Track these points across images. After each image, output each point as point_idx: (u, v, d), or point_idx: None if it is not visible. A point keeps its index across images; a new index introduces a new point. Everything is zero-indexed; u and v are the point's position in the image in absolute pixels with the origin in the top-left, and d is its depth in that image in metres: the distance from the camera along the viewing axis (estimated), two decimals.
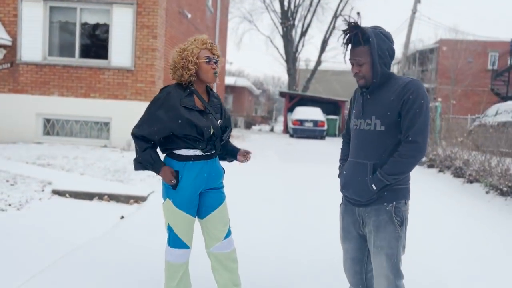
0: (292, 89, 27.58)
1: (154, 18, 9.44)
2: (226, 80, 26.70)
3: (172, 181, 2.37)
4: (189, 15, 11.83)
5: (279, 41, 33.70)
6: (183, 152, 2.43)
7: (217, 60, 2.46)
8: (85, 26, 9.79)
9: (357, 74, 2.11)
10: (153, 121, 2.37)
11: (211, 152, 2.48)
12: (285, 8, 27.76)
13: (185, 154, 2.43)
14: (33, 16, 9.47)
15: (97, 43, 9.83)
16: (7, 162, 6.78)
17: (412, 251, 3.44)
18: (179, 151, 2.44)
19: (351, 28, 2.03)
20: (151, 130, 2.37)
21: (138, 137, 2.41)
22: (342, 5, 27.21)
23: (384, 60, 2.08)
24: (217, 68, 2.45)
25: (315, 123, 19.11)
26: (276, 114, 47.79)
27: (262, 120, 37.89)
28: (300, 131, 19.20)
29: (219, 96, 2.65)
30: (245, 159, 2.62)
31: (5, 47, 9.44)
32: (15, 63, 9.54)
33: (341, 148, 2.45)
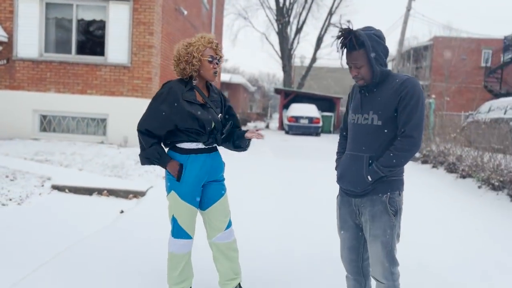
0: (288, 86, 27.66)
1: (151, 15, 9.48)
2: (222, 77, 26.74)
3: (179, 174, 2.46)
4: (185, 12, 11.86)
5: (274, 38, 33.79)
6: (186, 146, 2.52)
7: (219, 61, 2.56)
8: (82, 23, 9.80)
9: (357, 76, 2.20)
10: (157, 116, 2.46)
11: (213, 145, 2.58)
12: (280, 5, 27.81)
13: (188, 148, 2.52)
14: (29, 13, 9.47)
15: (94, 40, 9.85)
16: (5, 158, 6.82)
17: (407, 244, 3.55)
18: (182, 145, 2.53)
19: (345, 34, 2.12)
20: (156, 125, 2.45)
21: (144, 132, 2.48)
22: (337, 2, 27.37)
23: (380, 61, 2.17)
24: (218, 68, 2.55)
25: (310, 120, 19.24)
26: (271, 111, 47.88)
27: (257, 117, 37.98)
28: (296, 128, 19.32)
29: (220, 91, 2.74)
30: (254, 135, 2.59)
31: (1, 44, 9.44)
32: (11, 60, 9.54)
33: (339, 142, 2.54)
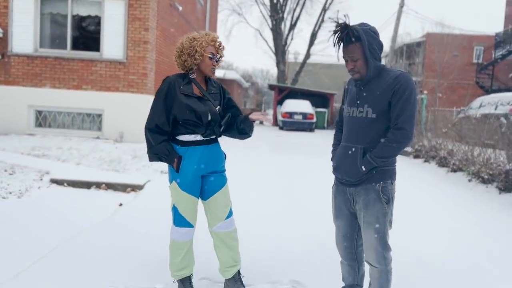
0: (281, 82, 27.76)
1: (146, 11, 9.52)
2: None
3: (177, 165, 2.57)
4: (180, 8, 11.89)
5: (268, 34, 33.81)
6: (185, 138, 2.62)
7: (219, 60, 2.68)
8: (77, 18, 9.82)
9: (353, 70, 2.30)
10: (162, 111, 2.56)
11: (211, 137, 2.68)
12: (274, 1, 27.85)
13: (187, 140, 2.62)
14: (24, 8, 9.47)
15: (89, 35, 9.87)
16: (2, 153, 6.86)
17: (400, 234, 3.67)
18: (181, 137, 2.63)
19: (342, 28, 2.23)
20: (163, 120, 2.56)
21: (153, 130, 2.58)
22: None
23: (375, 55, 2.28)
24: (216, 66, 2.67)
25: (304, 116, 19.36)
26: (265, 107, 47.91)
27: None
28: (290, 124, 19.45)
29: (220, 84, 2.84)
30: (260, 116, 2.66)
31: None
32: (6, 55, 9.54)
33: (334, 134, 2.65)
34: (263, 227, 4.18)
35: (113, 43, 9.57)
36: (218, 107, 2.70)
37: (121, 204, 4.87)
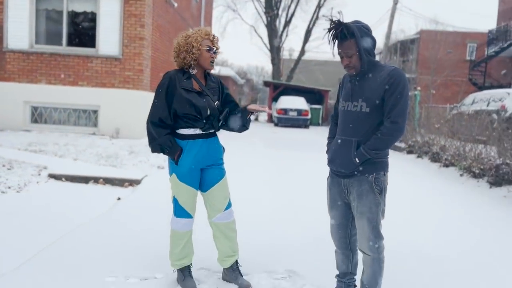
0: (276, 79, 27.83)
1: (142, 7, 9.54)
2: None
3: (177, 158, 2.65)
4: (175, 4, 11.92)
5: (263, 31, 33.81)
6: (185, 132, 2.71)
7: (216, 52, 2.76)
8: (72, 14, 9.83)
9: (348, 65, 2.40)
10: (164, 105, 2.64)
11: (210, 131, 2.76)
12: None
13: (187, 133, 2.71)
14: (20, 4, 9.46)
15: (85, 32, 9.89)
16: (0, 149, 6.89)
17: (393, 224, 3.78)
18: (181, 131, 2.71)
19: (336, 26, 2.32)
20: (166, 113, 2.63)
21: (156, 123, 2.65)
22: None
23: (369, 50, 2.37)
24: (215, 58, 2.75)
25: (299, 112, 19.47)
26: (260, 104, 47.98)
27: None
28: (285, 120, 19.54)
29: (219, 79, 2.92)
30: (258, 107, 2.74)
31: None
32: (2, 51, 9.54)
33: (330, 128, 2.75)
34: (260, 220, 4.27)
35: (109, 39, 9.59)
36: (217, 102, 2.78)
37: (119, 198, 4.94)
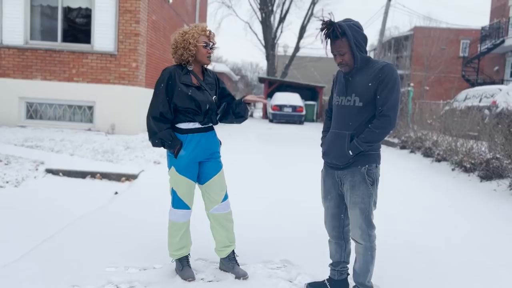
0: (271, 75, 27.89)
1: (137, 3, 9.56)
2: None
3: (177, 151, 2.73)
4: (171, 0, 11.94)
5: (258, 27, 33.81)
6: (184, 126, 2.78)
7: (213, 47, 2.83)
8: (67, 10, 9.82)
9: (341, 63, 2.49)
10: (165, 100, 2.71)
11: (208, 125, 2.84)
12: None
13: (186, 127, 2.78)
14: (15, 0, 9.43)
15: (80, 28, 9.89)
16: None
17: (384, 215, 3.89)
18: (180, 125, 2.79)
19: (328, 26, 2.40)
20: (166, 108, 2.71)
21: (156, 118, 2.72)
22: None
23: (360, 47, 2.46)
24: (212, 53, 2.81)
25: (294, 109, 19.58)
26: None
27: None
28: (279, 116, 19.65)
29: (215, 74, 3.00)
30: (255, 98, 2.84)
31: None
32: None
33: (324, 122, 2.83)
34: (256, 212, 4.36)
35: (104, 35, 9.60)
36: (214, 97, 2.86)
37: (117, 193, 5.01)
